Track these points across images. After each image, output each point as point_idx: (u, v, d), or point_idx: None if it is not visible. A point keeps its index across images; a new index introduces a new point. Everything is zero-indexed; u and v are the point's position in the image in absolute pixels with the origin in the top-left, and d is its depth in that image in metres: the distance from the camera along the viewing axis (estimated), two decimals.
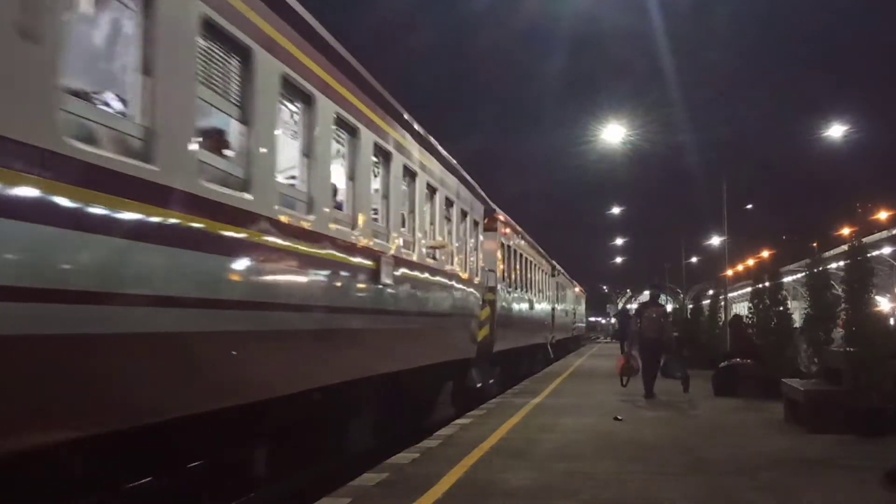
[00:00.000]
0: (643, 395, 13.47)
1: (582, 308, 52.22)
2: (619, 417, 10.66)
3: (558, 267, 31.52)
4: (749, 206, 45.67)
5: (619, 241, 67.64)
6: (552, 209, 69.64)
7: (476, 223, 14.00)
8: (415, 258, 9.37)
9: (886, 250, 33.84)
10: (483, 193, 14.99)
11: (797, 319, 13.63)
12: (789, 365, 12.27)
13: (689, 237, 50.16)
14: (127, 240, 3.98)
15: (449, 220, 11.64)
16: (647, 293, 17.24)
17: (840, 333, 10.35)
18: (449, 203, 11.58)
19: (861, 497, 6.09)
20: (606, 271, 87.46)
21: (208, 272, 4.82)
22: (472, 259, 13.45)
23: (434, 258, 10.33)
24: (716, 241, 44.20)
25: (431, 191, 10.48)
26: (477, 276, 13.72)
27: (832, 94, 56.92)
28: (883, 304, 25.71)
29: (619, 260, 77.44)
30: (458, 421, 10.41)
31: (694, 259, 58.29)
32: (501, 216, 17.12)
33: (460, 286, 12.05)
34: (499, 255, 16.39)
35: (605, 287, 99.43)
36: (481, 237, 14.59)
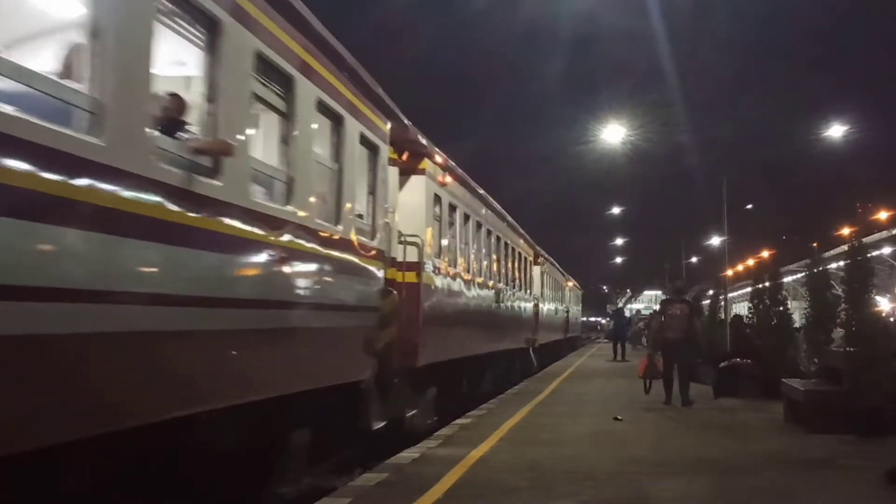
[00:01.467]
0: (662, 402, 12.47)
1: (578, 307, 46.09)
2: (619, 417, 10.65)
3: (544, 254, 26.11)
4: (749, 207, 45.70)
5: (619, 241, 67.75)
6: (552, 209, 69.56)
7: (374, 149, 8.13)
8: (127, 165, 3.99)
9: (886, 250, 33.82)
10: (394, 107, 8.71)
11: (797, 319, 13.64)
12: (789, 365, 12.26)
13: (689, 237, 50.25)
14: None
15: (287, 117, 6.00)
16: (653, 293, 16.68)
17: (840, 333, 10.34)
18: (281, 79, 5.89)
19: (861, 497, 6.08)
20: (606, 271, 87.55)
21: None
22: (359, 209, 7.81)
23: (229, 185, 4.94)
24: (716, 241, 44.19)
25: (226, 37, 4.98)
26: (372, 239, 7.97)
27: (832, 94, 56.84)
28: (883, 304, 25.72)
29: (619, 260, 77.56)
30: (459, 421, 10.40)
31: (694, 259, 58.36)
32: (438, 156, 10.90)
33: (324, 251, 6.53)
34: (430, 214, 10.46)
35: (605, 287, 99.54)
36: (385, 175, 8.49)
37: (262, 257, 5.54)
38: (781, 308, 13.67)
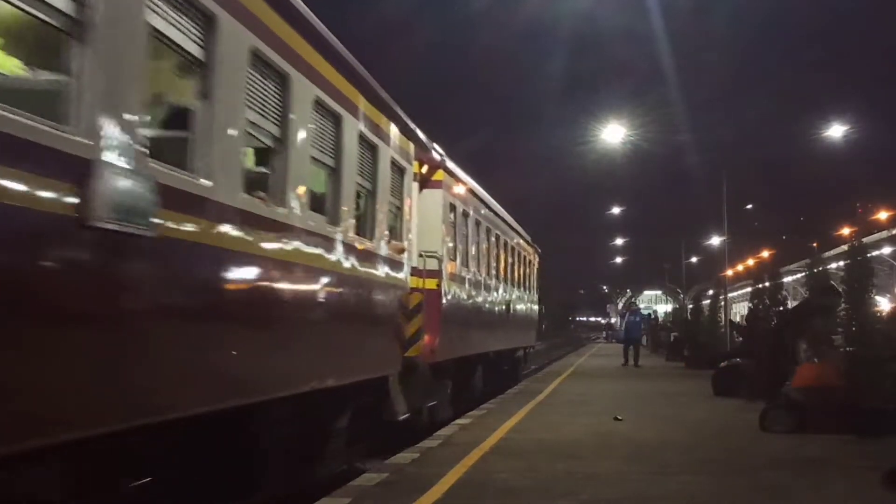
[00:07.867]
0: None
1: (530, 295, 21.10)
2: (619, 417, 10.64)
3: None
4: (749, 206, 45.71)
5: (619, 241, 67.69)
6: (552, 209, 69.69)
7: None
8: None
9: (886, 250, 33.86)
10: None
11: None
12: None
13: (689, 237, 50.25)
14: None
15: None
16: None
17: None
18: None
19: (861, 497, 6.08)
20: (606, 271, 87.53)
21: None
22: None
23: None
24: (716, 241, 44.20)
25: None
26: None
27: (832, 94, 56.99)
28: (883, 304, 25.71)
29: (619, 260, 77.49)
30: (459, 421, 10.40)
31: (694, 259, 58.34)
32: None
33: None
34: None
35: (605, 287, 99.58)
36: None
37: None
38: (781, 308, 13.64)
